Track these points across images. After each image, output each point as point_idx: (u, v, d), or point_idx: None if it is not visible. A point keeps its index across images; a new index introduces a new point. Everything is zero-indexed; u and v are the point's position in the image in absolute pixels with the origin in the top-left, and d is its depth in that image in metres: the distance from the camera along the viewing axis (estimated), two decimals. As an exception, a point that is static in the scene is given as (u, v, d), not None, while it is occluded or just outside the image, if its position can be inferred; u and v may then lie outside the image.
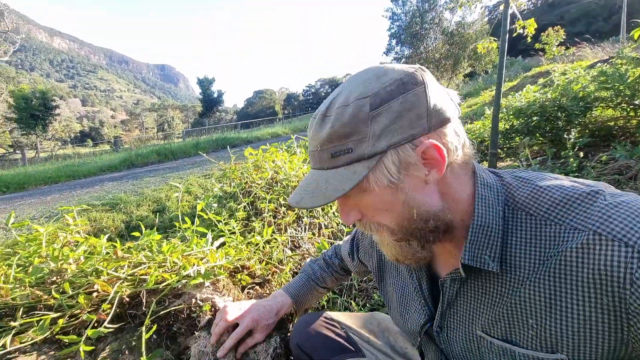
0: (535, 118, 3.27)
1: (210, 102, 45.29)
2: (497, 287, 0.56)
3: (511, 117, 3.53)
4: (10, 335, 0.78)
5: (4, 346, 0.76)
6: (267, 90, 74.71)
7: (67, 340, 0.84)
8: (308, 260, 1.13)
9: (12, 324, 0.82)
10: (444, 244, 0.61)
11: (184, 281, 1.02)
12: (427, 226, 0.55)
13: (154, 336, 0.96)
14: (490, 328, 0.57)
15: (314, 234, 1.83)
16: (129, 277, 0.99)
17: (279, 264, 1.39)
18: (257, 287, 1.14)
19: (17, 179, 7.87)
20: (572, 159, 2.60)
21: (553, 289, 0.50)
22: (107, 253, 1.05)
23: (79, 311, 0.90)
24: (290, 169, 2.16)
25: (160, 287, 0.99)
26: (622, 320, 0.45)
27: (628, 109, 2.83)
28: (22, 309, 0.89)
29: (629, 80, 2.62)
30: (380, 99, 0.49)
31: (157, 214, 3.74)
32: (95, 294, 0.95)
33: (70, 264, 0.97)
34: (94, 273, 1.01)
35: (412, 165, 0.51)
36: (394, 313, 0.80)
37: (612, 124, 3.03)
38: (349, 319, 0.99)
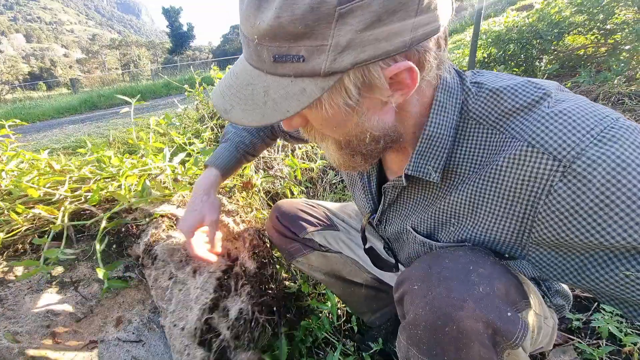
0: (511, 46, 3.23)
1: (180, 37, 41.34)
2: (433, 192, 0.57)
3: (490, 43, 3.49)
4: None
5: None
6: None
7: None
8: (228, 124, 1.00)
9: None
10: (395, 150, 0.59)
11: (134, 199, 0.99)
12: (377, 146, 0.52)
13: (114, 246, 0.95)
14: (418, 226, 0.62)
15: (287, 155, 1.82)
16: (70, 196, 0.94)
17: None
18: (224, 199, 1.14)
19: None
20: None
21: (478, 194, 0.51)
22: (45, 167, 0.98)
23: (17, 227, 0.86)
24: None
25: (110, 205, 0.95)
26: (526, 226, 0.47)
27: (599, 35, 2.82)
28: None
29: (604, 2, 2.57)
30: None
31: (128, 155, 3.59)
32: (37, 220, 0.90)
33: (3, 178, 0.90)
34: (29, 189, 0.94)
35: (377, 87, 0.42)
36: (350, 193, 0.85)
37: (581, 52, 3.05)
38: (328, 204, 1.04)
